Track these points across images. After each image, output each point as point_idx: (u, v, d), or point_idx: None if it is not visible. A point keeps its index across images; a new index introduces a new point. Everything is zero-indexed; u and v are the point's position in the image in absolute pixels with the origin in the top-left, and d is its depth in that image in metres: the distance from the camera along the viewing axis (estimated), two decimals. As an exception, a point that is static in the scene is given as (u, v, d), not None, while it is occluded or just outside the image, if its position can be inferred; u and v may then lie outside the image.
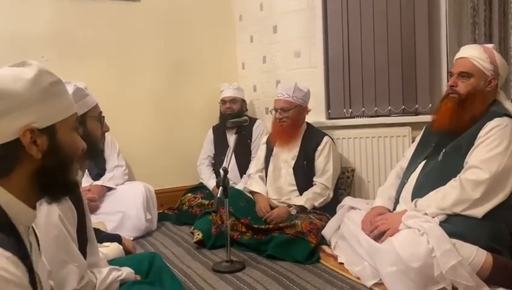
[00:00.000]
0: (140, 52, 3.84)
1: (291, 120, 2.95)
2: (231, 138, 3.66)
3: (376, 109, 3.23)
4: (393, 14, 3.15)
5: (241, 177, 3.58)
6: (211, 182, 3.60)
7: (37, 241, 1.01)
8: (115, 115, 3.39)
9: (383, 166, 3.13)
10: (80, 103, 1.48)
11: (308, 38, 3.43)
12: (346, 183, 3.18)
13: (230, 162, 2.73)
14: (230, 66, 4.26)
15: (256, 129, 3.69)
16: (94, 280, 1.39)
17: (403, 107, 3.18)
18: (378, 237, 2.13)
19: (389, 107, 3.20)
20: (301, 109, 2.99)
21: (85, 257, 1.41)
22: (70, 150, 0.94)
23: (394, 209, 2.30)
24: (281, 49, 3.64)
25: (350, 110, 3.31)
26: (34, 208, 0.92)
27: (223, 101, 3.75)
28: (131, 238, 2.79)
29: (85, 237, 1.46)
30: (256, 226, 2.76)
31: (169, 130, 3.97)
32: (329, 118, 3.40)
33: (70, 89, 1.45)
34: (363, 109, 3.26)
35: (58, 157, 0.91)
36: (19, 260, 0.78)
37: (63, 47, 3.50)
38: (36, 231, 1.02)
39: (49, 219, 1.27)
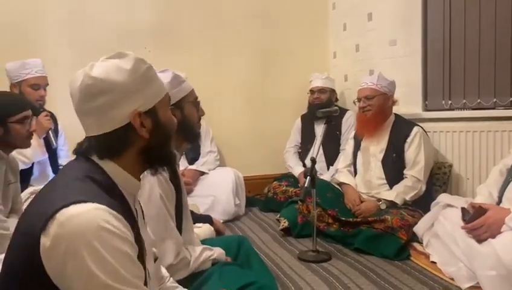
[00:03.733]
0: (233, 43, 3.95)
1: (376, 109, 2.85)
2: (318, 128, 3.63)
3: (479, 100, 2.99)
4: (503, -5, 2.88)
5: (328, 168, 3.54)
6: (297, 168, 3.63)
7: (142, 212, 1.12)
8: (209, 104, 3.49)
9: (484, 163, 2.90)
10: (177, 88, 1.56)
11: (405, 25, 3.27)
12: (442, 179, 3.00)
13: (318, 153, 2.71)
14: (321, 55, 4.22)
15: (347, 121, 3.62)
16: (188, 256, 1.47)
17: (511, 99, 2.90)
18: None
19: (494, 99, 2.94)
20: (386, 98, 2.87)
21: (180, 234, 1.50)
22: (169, 125, 1.05)
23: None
24: (375, 37, 3.51)
25: (450, 102, 3.10)
26: (138, 179, 1.04)
27: (312, 91, 3.72)
28: (221, 221, 2.91)
29: (181, 215, 1.55)
30: (343, 218, 2.73)
31: (260, 119, 4.05)
32: (426, 109, 3.22)
33: (168, 76, 1.54)
34: (464, 101, 3.04)
35: (161, 133, 1.02)
36: (125, 220, 0.87)
37: (163, 38, 3.71)
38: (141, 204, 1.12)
39: (150, 197, 1.37)
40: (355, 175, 3.04)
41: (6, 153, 1.93)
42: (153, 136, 1.00)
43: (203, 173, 3.47)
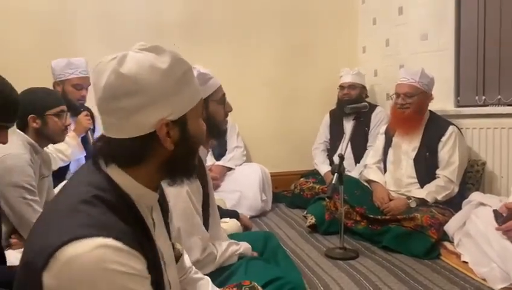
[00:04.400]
0: (261, 37, 3.94)
1: (415, 107, 2.77)
2: (348, 125, 3.58)
3: (515, 96, 2.88)
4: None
5: (356, 165, 3.50)
6: (323, 167, 3.60)
7: (166, 209, 1.08)
8: (235, 99, 3.49)
9: (520, 161, 2.80)
10: (203, 87, 1.55)
11: (437, 19, 3.19)
12: (474, 177, 2.91)
13: (346, 149, 2.68)
14: (350, 50, 4.16)
15: (376, 117, 3.55)
16: (215, 252, 1.49)
17: (549, 94, 2.79)
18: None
19: (532, 95, 2.83)
20: (426, 96, 2.80)
21: (207, 230, 1.51)
22: (198, 137, 0.95)
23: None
24: (406, 32, 3.44)
25: (483, 98, 3.00)
26: (155, 190, 0.95)
27: (341, 87, 3.66)
28: (248, 217, 2.92)
29: (208, 210, 1.56)
30: (371, 216, 2.70)
31: (286, 115, 4.03)
32: (458, 105, 3.13)
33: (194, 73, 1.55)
34: (499, 97, 2.94)
35: (188, 145, 0.92)
36: (135, 250, 0.79)
37: (191, 34, 3.73)
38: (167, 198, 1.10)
39: (178, 192, 1.38)
40: (384, 172, 2.99)
41: (41, 146, 1.99)
42: (178, 148, 0.89)
43: (230, 169, 3.49)
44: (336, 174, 2.41)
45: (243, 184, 3.34)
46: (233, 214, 2.45)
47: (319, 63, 4.06)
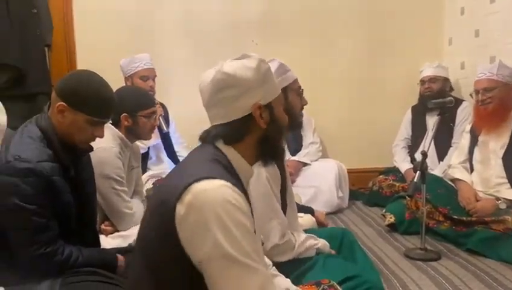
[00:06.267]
0: (339, 31, 3.86)
1: (498, 100, 2.58)
2: (430, 121, 3.42)
3: None
4: None
5: (439, 163, 3.33)
6: (403, 165, 3.46)
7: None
8: (313, 94, 3.49)
9: None
10: (282, 77, 1.61)
11: (535, 6, 2.92)
12: None
13: (429, 147, 2.56)
14: (435, 42, 3.94)
15: (462, 112, 3.35)
16: (293, 240, 1.51)
17: None
18: None
19: None
20: (508, 88, 2.60)
21: (285, 218, 1.54)
22: (283, 121, 1.19)
23: None
24: (498, 21, 3.19)
25: None
26: (252, 166, 1.17)
27: (422, 81, 3.50)
28: (324, 213, 2.90)
29: (285, 201, 1.59)
30: (456, 216, 2.57)
31: (366, 110, 3.92)
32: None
33: (275, 64, 1.59)
34: None
35: (276, 127, 1.15)
36: (245, 198, 1.00)
37: (269, 29, 3.76)
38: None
39: (258, 178, 1.44)
40: (471, 172, 2.81)
41: (131, 142, 2.13)
42: (269, 128, 1.13)
43: (305, 164, 3.48)
44: (418, 172, 2.34)
45: (318, 180, 3.32)
46: (308, 209, 2.46)
47: (401, 56, 3.90)
